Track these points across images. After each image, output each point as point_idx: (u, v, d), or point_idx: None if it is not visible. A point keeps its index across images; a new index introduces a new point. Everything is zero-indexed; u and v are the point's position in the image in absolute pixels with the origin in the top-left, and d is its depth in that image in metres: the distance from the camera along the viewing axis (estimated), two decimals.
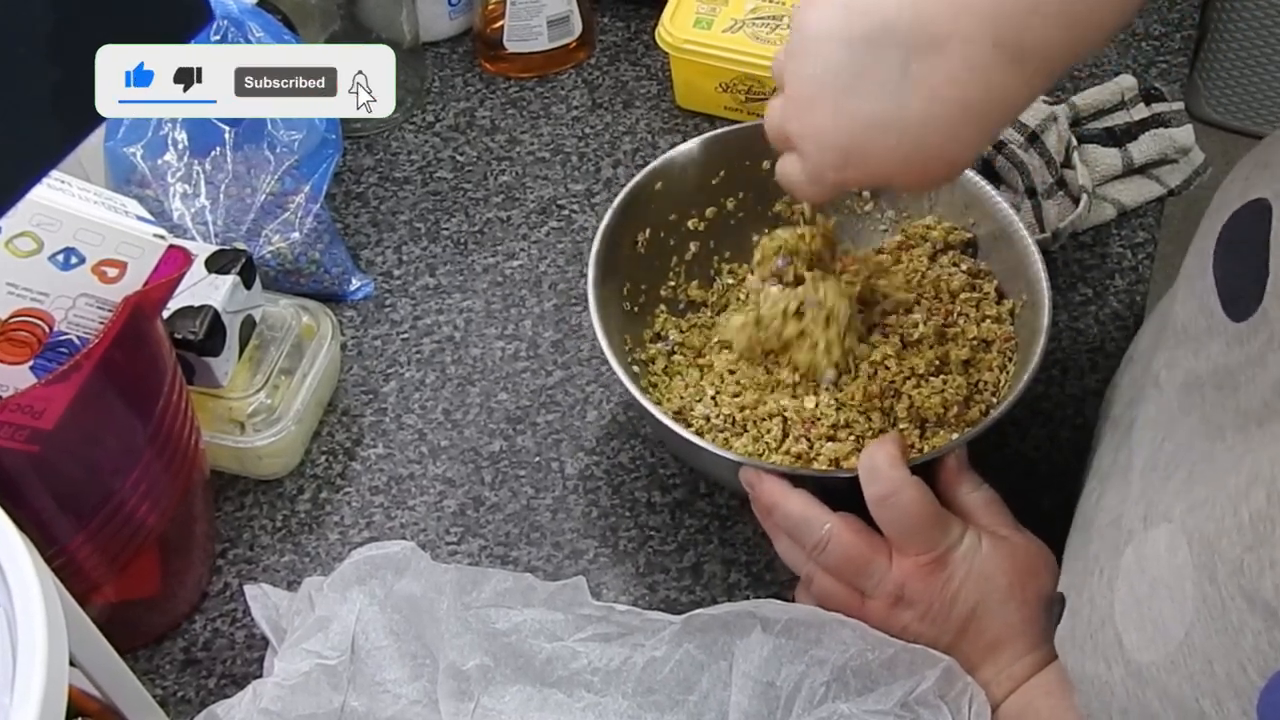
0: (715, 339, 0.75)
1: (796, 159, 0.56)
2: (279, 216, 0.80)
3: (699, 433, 0.68)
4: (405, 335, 0.82)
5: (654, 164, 0.75)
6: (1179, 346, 0.54)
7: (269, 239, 0.80)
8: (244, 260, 0.71)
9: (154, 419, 0.60)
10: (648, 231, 0.76)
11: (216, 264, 0.70)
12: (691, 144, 0.76)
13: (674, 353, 0.76)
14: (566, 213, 0.89)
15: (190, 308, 0.68)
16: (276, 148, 0.80)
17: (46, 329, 0.57)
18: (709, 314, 0.78)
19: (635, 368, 0.73)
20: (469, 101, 0.97)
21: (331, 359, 0.76)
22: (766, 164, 0.77)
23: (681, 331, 0.77)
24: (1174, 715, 0.44)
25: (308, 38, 0.88)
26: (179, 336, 0.67)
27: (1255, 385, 0.45)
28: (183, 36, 0.36)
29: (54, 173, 0.54)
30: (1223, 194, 0.53)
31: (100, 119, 0.34)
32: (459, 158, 0.93)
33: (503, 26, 0.95)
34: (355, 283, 0.84)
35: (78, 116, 0.33)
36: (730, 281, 0.80)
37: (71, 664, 0.46)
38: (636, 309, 0.76)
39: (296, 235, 0.80)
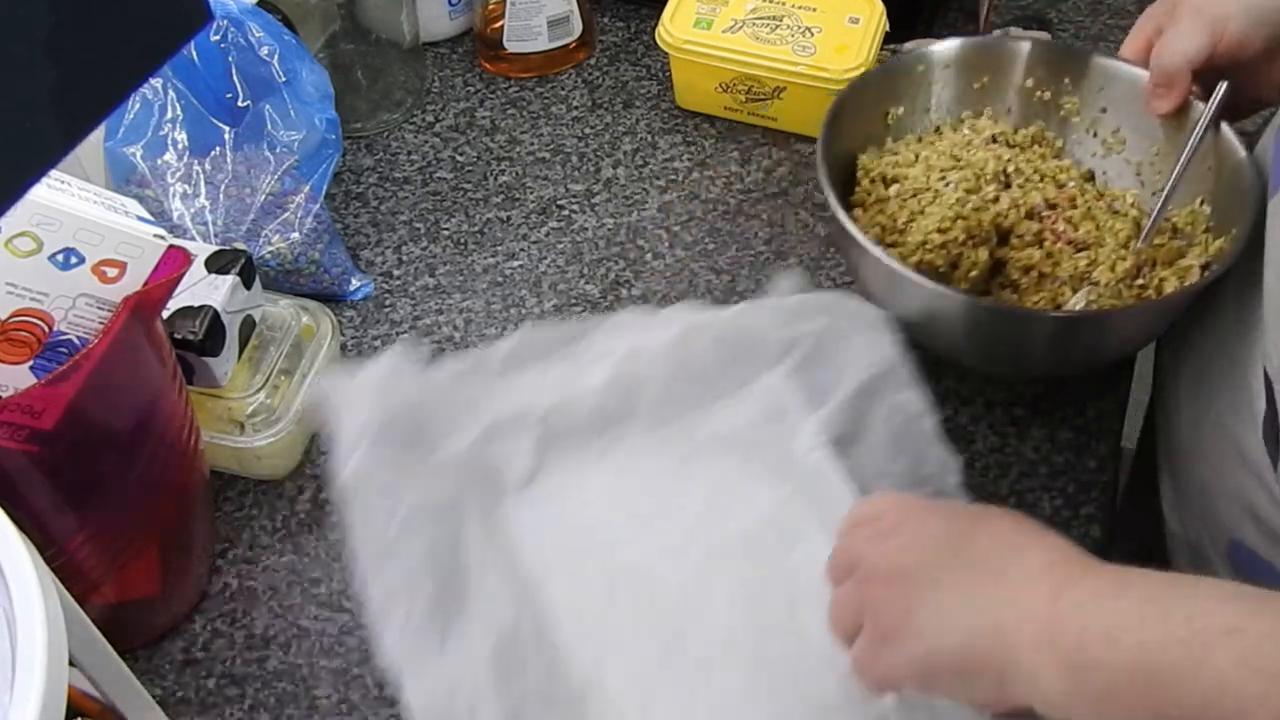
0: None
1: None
2: (279, 216, 0.80)
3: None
4: (405, 335, 0.82)
5: (918, 49, 0.78)
6: None
7: (269, 239, 0.80)
8: (244, 260, 0.71)
9: (154, 419, 0.60)
10: (900, 109, 0.79)
11: (216, 264, 0.70)
12: (956, 42, 0.79)
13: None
14: (566, 213, 0.89)
15: (190, 308, 0.68)
16: (276, 148, 0.80)
17: (46, 329, 0.57)
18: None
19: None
20: (469, 101, 0.97)
21: (331, 359, 0.76)
22: (1030, 81, 0.78)
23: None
24: None
25: (308, 38, 0.88)
26: (179, 336, 0.67)
27: None
28: (183, 37, 0.36)
29: (54, 173, 0.54)
30: None
31: (100, 119, 0.34)
32: (459, 158, 0.93)
33: (503, 27, 0.96)
34: (355, 283, 0.84)
35: (77, 116, 0.33)
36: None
37: (71, 664, 0.46)
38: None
39: (296, 235, 0.80)
